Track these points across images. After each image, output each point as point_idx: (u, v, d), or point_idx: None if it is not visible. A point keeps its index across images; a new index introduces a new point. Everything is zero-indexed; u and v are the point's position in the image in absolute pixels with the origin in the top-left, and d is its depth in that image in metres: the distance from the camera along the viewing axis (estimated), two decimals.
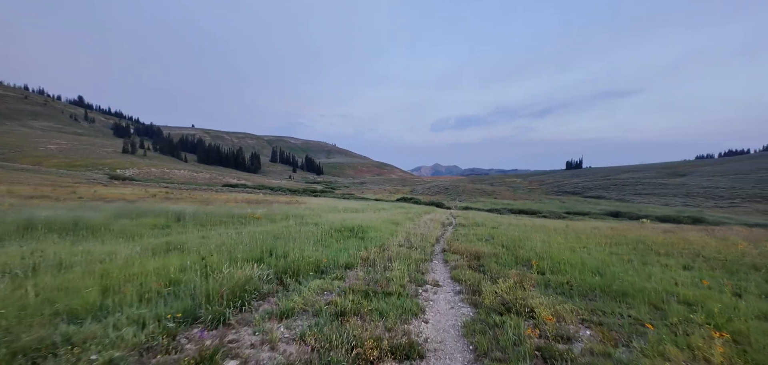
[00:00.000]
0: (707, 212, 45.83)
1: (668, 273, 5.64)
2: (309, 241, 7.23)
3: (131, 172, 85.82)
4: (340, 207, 26.08)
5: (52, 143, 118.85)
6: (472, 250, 7.29)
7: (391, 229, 11.47)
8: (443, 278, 5.63)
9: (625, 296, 4.47)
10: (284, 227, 9.65)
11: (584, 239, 9.92)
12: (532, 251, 7.10)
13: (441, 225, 16.47)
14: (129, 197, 22.79)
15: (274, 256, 5.39)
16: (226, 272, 3.85)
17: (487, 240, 9.45)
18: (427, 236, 10.12)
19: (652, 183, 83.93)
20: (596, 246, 8.49)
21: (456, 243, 8.49)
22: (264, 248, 5.88)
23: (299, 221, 12.34)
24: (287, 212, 17.18)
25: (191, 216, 11.32)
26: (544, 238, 9.44)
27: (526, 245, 8.00)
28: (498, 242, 8.68)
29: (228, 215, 13.12)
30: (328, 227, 10.33)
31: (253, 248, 5.89)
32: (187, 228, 9.44)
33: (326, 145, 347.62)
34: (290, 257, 5.29)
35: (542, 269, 5.77)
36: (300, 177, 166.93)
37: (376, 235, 9.38)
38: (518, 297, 4.07)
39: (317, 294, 4.14)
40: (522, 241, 8.87)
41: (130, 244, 6.18)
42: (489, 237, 10.11)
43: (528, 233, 11.64)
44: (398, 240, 8.63)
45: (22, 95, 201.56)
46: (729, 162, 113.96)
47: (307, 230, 9.40)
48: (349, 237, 8.74)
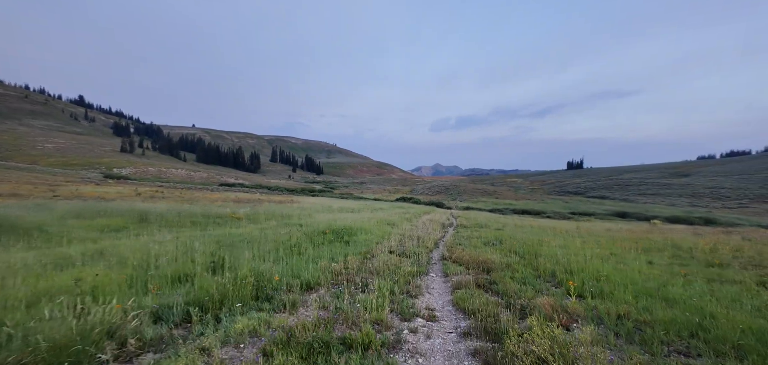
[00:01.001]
0: (716, 212, 44.38)
1: (763, 298, 4.01)
2: (278, 248, 5.92)
3: (128, 171, 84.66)
4: (335, 207, 24.79)
5: (49, 142, 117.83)
6: (478, 259, 5.95)
7: (384, 231, 10.16)
8: (442, 303, 4.15)
9: (740, 349, 2.79)
10: (259, 230, 8.36)
11: (606, 243, 8.59)
12: (553, 261, 5.78)
13: (441, 227, 15.15)
14: (110, 196, 21.56)
15: (222, 270, 4.10)
16: (97, 310, 2.53)
17: (494, 245, 8.13)
18: (425, 240, 8.81)
19: (656, 183, 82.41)
20: (625, 252, 7.16)
21: (458, 249, 7.18)
22: (217, 257, 4.59)
23: (282, 223, 11.05)
24: (275, 212, 15.90)
25: (158, 217, 10.02)
26: (562, 243, 8.13)
27: (543, 251, 6.69)
28: (508, 248, 7.35)
29: (204, 215, 11.84)
30: (312, 230, 9.04)
31: (203, 257, 4.61)
32: (146, 230, 8.14)
33: (327, 145, 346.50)
34: (242, 270, 4.00)
35: (580, 289, 4.29)
36: (300, 177, 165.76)
37: (365, 238, 8.09)
38: (564, 350, 2.46)
39: (232, 349, 2.70)
40: (536, 246, 7.55)
41: (41, 251, 4.89)
42: (496, 241, 8.79)
43: (539, 235, 10.32)
44: (390, 245, 7.32)
45: (22, 94, 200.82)
46: (732, 162, 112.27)
47: (286, 233, 8.11)
48: (333, 241, 7.45)
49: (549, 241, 8.72)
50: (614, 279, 4.53)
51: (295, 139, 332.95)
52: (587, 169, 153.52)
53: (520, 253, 6.72)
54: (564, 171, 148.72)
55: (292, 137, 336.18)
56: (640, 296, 3.96)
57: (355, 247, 6.58)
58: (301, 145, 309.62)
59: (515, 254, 6.71)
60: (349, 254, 5.62)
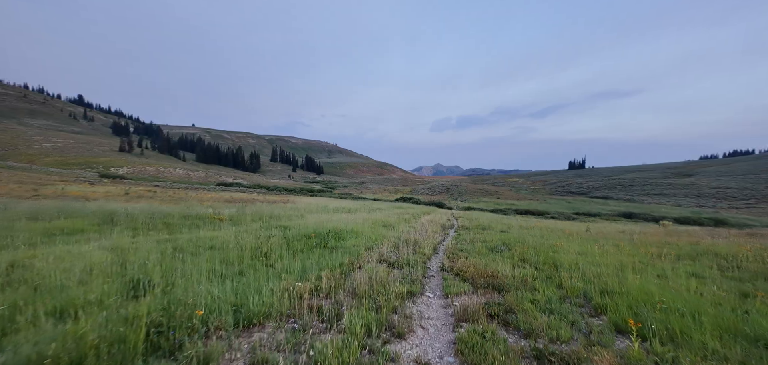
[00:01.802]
0: (724, 213, 43.26)
1: None
2: (243, 258, 4.91)
3: (125, 170, 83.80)
4: (331, 207, 23.80)
5: (47, 141, 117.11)
6: (485, 271, 4.90)
7: (378, 234, 9.16)
8: (440, 350, 2.89)
9: None
10: (235, 234, 7.36)
11: (627, 248, 7.56)
12: (577, 273, 4.76)
13: (441, 228, 14.15)
14: (95, 195, 20.62)
15: (146, 292, 3.10)
16: None
17: (501, 251, 7.11)
18: (422, 245, 7.81)
19: (660, 183, 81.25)
20: (654, 260, 6.13)
21: (461, 257, 6.17)
22: (145, 274, 3.59)
23: (267, 225, 10.06)
24: (264, 212, 14.91)
25: (128, 218, 9.03)
26: (578, 248, 7.10)
27: (561, 259, 5.66)
28: (519, 255, 6.30)
29: (183, 216, 10.85)
30: (296, 233, 8.05)
31: (135, 272, 3.61)
32: (106, 233, 7.15)
33: (327, 145, 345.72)
34: (175, 293, 3.00)
35: (640, 329, 2.99)
36: (300, 177, 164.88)
37: (354, 244, 7.09)
38: None
39: None
40: (550, 253, 6.52)
41: None
42: (503, 246, 7.77)
43: (549, 238, 9.29)
44: (381, 251, 6.31)
45: (21, 93, 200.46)
46: (735, 163, 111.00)
47: (265, 236, 7.12)
48: (316, 247, 6.44)
49: (562, 245, 7.70)
50: (673, 305, 3.39)
51: (296, 139, 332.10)
52: (589, 169, 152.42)
53: (534, 262, 5.67)
54: (565, 171, 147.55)
55: (293, 137, 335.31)
56: (726, 336, 2.79)
57: (340, 255, 5.58)
58: (302, 145, 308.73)
59: (529, 264, 5.65)
60: (328, 266, 4.59)
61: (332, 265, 4.70)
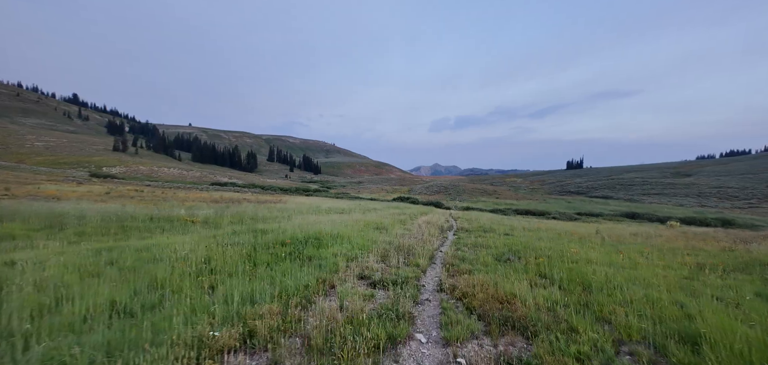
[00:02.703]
0: (727, 213, 42.42)
1: None
2: (184, 273, 3.77)
3: (118, 170, 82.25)
4: (324, 207, 22.68)
5: (39, 140, 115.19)
6: (497, 294, 3.78)
7: (367, 239, 8.06)
8: None
9: None
10: (195, 243, 6.22)
11: (656, 257, 6.48)
12: (619, 296, 3.65)
13: (439, 231, 13.05)
14: (73, 195, 19.44)
15: None
16: None
17: (510, 260, 6.02)
18: (417, 252, 6.70)
19: (660, 183, 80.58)
20: (698, 272, 5.04)
21: (463, 271, 5.07)
22: None
23: (244, 228, 8.93)
24: (248, 213, 13.77)
25: (80, 220, 7.87)
26: (600, 257, 6.01)
27: (588, 274, 4.55)
28: (534, 268, 5.17)
29: (151, 218, 9.71)
30: (272, 238, 6.94)
31: None
32: (41, 239, 6.00)
33: (325, 144, 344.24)
34: None
35: None
36: (297, 176, 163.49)
37: (336, 252, 5.98)
38: None
39: None
40: (570, 264, 5.41)
41: None
42: (511, 253, 6.68)
43: (559, 243, 8.20)
44: (366, 263, 5.20)
45: (14, 92, 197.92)
46: (732, 162, 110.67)
47: (227, 243, 5.99)
48: (286, 259, 5.31)
49: (580, 253, 6.61)
50: None
51: (294, 138, 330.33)
52: (587, 169, 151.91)
53: (555, 279, 4.55)
54: (563, 171, 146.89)
55: (291, 136, 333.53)
56: None
57: (312, 270, 4.45)
58: (300, 145, 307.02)
59: (549, 281, 4.53)
60: (289, 289, 3.43)
61: (295, 288, 3.56)
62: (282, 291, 3.44)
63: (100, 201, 15.98)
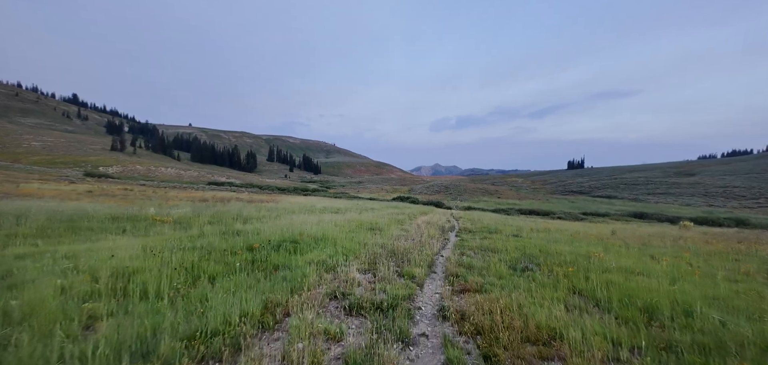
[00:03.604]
0: (737, 212, 41.20)
1: None
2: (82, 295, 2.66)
3: (114, 169, 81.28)
4: (318, 207, 21.56)
5: (37, 140, 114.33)
6: (524, 327, 2.59)
7: (357, 241, 6.95)
8: None
9: None
10: (145, 244, 5.10)
11: (700, 263, 5.34)
12: (695, 327, 2.57)
13: (439, 232, 11.93)
14: (53, 194, 18.39)
15: None
16: None
17: (529, 269, 4.88)
18: (414, 258, 5.58)
19: (665, 182, 79.32)
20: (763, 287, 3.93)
21: (471, 285, 3.94)
22: None
23: (219, 229, 7.82)
24: (231, 213, 12.66)
25: (17, 220, 6.77)
26: (637, 265, 4.88)
27: (639, 291, 3.44)
28: (562, 282, 4.04)
29: (113, 218, 8.60)
30: (243, 241, 5.84)
31: None
32: None
33: (325, 144, 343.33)
34: None
35: None
36: (297, 176, 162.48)
37: (313, 259, 4.86)
38: None
39: None
40: (609, 277, 4.29)
41: None
42: (527, 260, 5.55)
43: (577, 246, 7.07)
44: (345, 277, 4.07)
45: (13, 91, 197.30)
46: (735, 162, 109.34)
47: (181, 245, 4.88)
48: (244, 269, 4.19)
49: (602, 257, 5.48)
50: None
51: (294, 138, 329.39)
52: (588, 168, 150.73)
53: (600, 299, 3.37)
54: (565, 171, 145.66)
55: (291, 136, 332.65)
56: None
57: (272, 286, 3.34)
58: (300, 144, 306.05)
59: (593, 303, 3.36)
60: (224, 321, 2.33)
61: (223, 321, 2.42)
62: (201, 328, 2.32)
63: (75, 200, 14.90)
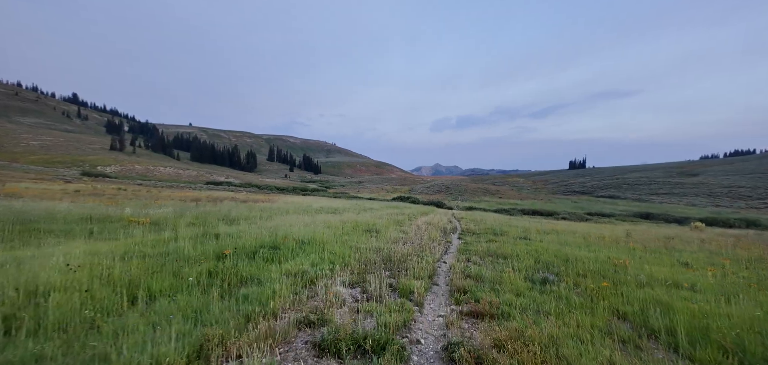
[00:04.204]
0: (744, 212, 40.35)
1: None
2: None
3: (112, 169, 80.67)
4: (315, 207, 20.80)
5: (35, 140, 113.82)
6: None
7: (351, 245, 6.18)
8: None
9: None
10: (101, 250, 4.33)
11: (742, 272, 4.56)
12: None
13: (441, 234, 11.15)
14: (29, 193, 17.67)
15: None
16: None
17: (547, 281, 4.11)
18: (413, 266, 4.80)
19: (668, 183, 78.42)
20: None
21: (484, 307, 3.11)
22: None
23: (199, 231, 7.06)
24: (220, 213, 11.90)
25: None
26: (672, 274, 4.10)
27: (685, 312, 2.66)
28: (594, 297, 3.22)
29: (82, 218, 7.83)
30: (213, 247, 5.07)
31: None
32: None
33: (326, 144, 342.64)
34: None
35: None
36: (297, 176, 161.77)
37: (290, 270, 4.09)
38: None
39: None
40: (634, 286, 3.51)
41: None
42: (544, 270, 4.77)
43: (596, 252, 6.29)
44: (326, 293, 3.29)
45: (12, 91, 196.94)
46: (738, 162, 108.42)
47: (141, 252, 4.11)
48: (200, 284, 3.41)
49: (628, 263, 4.70)
50: None
51: (294, 138, 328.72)
52: (590, 168, 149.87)
53: (657, 329, 2.54)
54: (566, 171, 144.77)
55: (291, 136, 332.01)
56: None
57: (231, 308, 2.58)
58: (300, 144, 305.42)
59: (648, 333, 2.49)
60: None
61: None
62: None
63: (57, 199, 14.16)
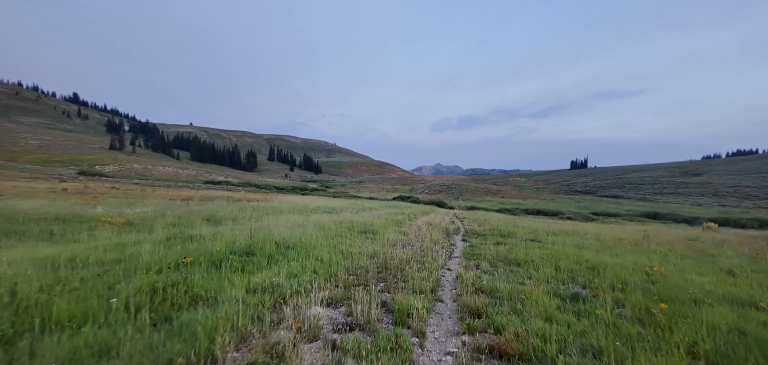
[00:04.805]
0: (753, 212, 39.43)
1: None
2: None
3: (110, 168, 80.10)
4: (311, 206, 20.04)
5: (34, 139, 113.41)
6: None
7: (343, 249, 5.39)
8: None
9: None
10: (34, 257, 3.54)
11: None
12: None
13: (443, 235, 10.35)
14: (12, 191, 16.98)
15: None
16: None
17: (578, 297, 3.31)
18: (412, 276, 4.03)
19: (672, 182, 77.45)
20: None
21: (508, 335, 2.34)
22: None
23: (155, 237, 6.29)
24: (205, 213, 11.14)
25: None
26: (720, 285, 3.31)
27: None
28: (659, 329, 2.48)
29: (49, 218, 7.08)
30: (175, 254, 4.29)
31: None
32: None
33: (326, 144, 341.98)
34: None
35: None
36: (297, 176, 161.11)
37: (257, 284, 3.30)
38: None
39: None
40: (690, 303, 2.72)
41: None
42: (566, 279, 3.98)
43: (621, 257, 5.50)
44: (295, 319, 2.51)
45: (13, 91, 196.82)
46: (741, 161, 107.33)
47: (83, 260, 3.32)
48: (140, 310, 2.62)
49: (664, 273, 3.90)
50: None
51: (295, 138, 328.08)
52: (592, 168, 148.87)
53: None
54: (568, 171, 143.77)
55: (292, 136, 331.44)
56: None
57: (153, 349, 1.84)
58: (301, 144, 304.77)
59: None
60: None
61: None
62: None
63: (39, 198, 13.43)
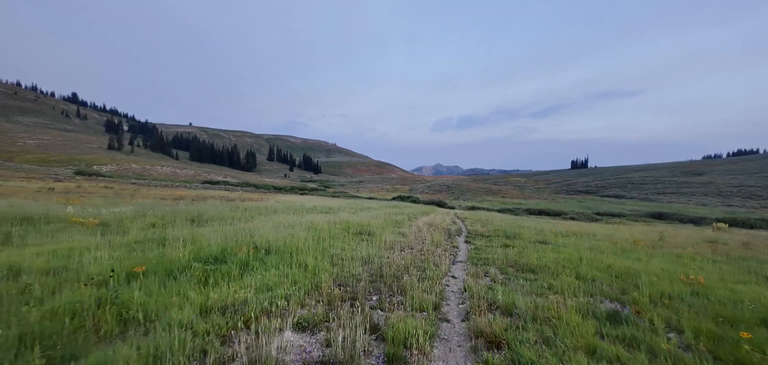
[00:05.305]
0: (759, 212, 38.79)
1: None
2: None
3: (108, 168, 79.45)
4: (308, 206, 19.39)
5: (32, 139, 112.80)
6: None
7: (334, 253, 4.75)
8: None
9: None
10: None
11: None
12: None
13: (445, 237, 9.71)
14: (7, 190, 16.37)
15: None
16: None
17: (618, 316, 2.67)
18: (411, 287, 3.39)
19: (674, 182, 76.82)
20: None
21: None
22: None
23: (122, 241, 5.65)
24: (189, 213, 10.49)
25: None
26: None
27: None
28: None
29: (13, 218, 6.44)
30: (134, 260, 3.64)
31: None
32: None
33: (326, 144, 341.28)
34: None
35: None
36: (297, 176, 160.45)
37: (216, 302, 2.66)
38: None
39: None
40: (756, 324, 2.08)
41: None
42: (595, 292, 3.35)
43: (643, 263, 4.86)
44: (247, 358, 1.88)
45: (11, 90, 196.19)
46: (743, 161, 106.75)
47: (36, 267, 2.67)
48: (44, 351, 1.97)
49: (703, 282, 3.25)
50: None
51: (295, 138, 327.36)
52: (592, 168, 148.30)
53: None
54: (568, 171, 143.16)
55: (292, 136, 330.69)
56: None
57: None
58: (300, 144, 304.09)
59: None
60: None
61: None
62: None
63: (21, 197, 12.80)
